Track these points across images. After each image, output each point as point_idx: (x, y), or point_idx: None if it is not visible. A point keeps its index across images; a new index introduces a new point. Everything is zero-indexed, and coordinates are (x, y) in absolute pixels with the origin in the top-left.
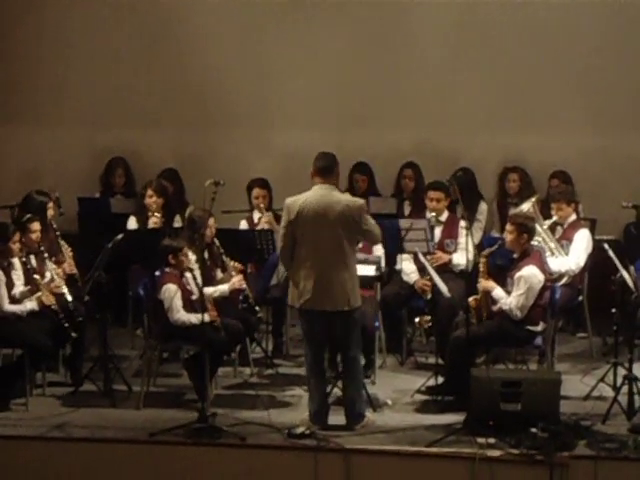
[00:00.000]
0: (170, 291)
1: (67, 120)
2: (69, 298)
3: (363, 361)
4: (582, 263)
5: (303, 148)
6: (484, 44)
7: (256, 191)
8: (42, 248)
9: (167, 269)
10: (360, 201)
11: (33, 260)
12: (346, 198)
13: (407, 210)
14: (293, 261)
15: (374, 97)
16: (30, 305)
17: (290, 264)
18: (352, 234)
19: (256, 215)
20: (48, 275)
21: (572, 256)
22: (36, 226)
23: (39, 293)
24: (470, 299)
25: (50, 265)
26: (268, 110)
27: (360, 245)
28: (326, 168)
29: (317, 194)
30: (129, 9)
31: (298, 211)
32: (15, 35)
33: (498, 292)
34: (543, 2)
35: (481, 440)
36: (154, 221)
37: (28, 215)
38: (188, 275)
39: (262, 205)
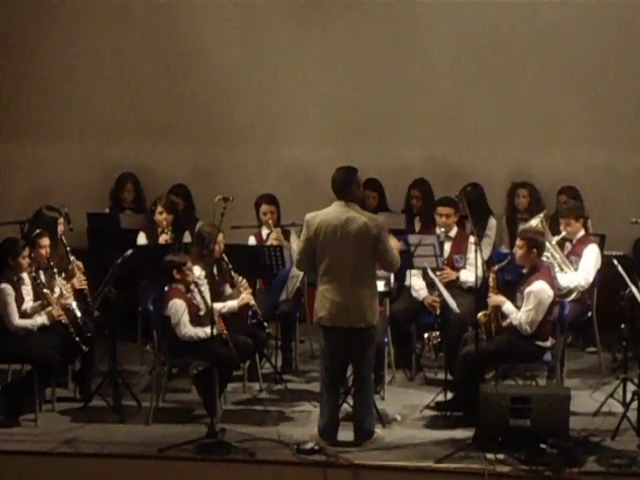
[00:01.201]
0: (177, 307)
1: (77, 136)
2: (78, 313)
3: (372, 377)
4: (591, 279)
5: (312, 163)
6: (493, 60)
7: (264, 207)
8: (51, 263)
9: (173, 284)
10: (380, 219)
11: (42, 275)
12: (365, 215)
13: (417, 226)
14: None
15: (383, 112)
16: (40, 320)
17: (311, 271)
18: (370, 251)
19: (264, 231)
20: (57, 290)
21: (581, 272)
22: (45, 241)
23: (50, 308)
24: (479, 315)
25: (59, 280)
26: (278, 126)
27: None
28: (340, 186)
29: (336, 211)
30: (138, 25)
31: (317, 227)
32: (24, 50)
33: (508, 307)
34: (551, 18)
35: (490, 456)
36: (165, 239)
37: (37, 230)
38: (194, 290)
39: (270, 221)
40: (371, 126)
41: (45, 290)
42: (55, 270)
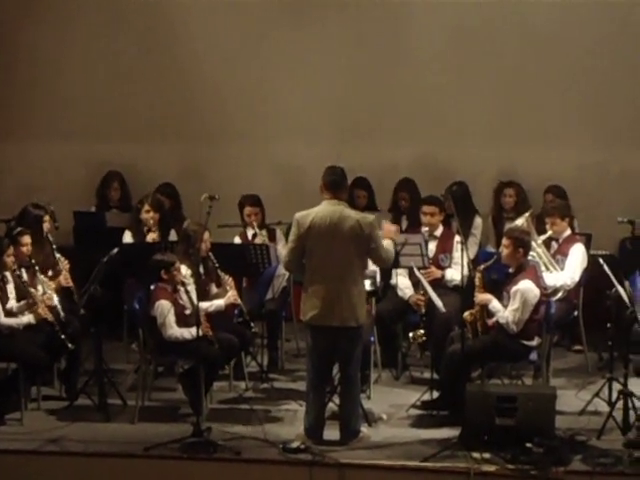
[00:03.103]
0: (163, 307)
1: (63, 134)
2: (61, 312)
3: (359, 376)
4: (577, 278)
5: (300, 162)
6: (481, 59)
7: (248, 209)
8: (33, 261)
9: (160, 284)
10: (371, 217)
11: (24, 273)
12: (357, 214)
13: (404, 225)
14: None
15: (371, 112)
16: (27, 319)
17: (299, 271)
18: (362, 250)
19: (250, 231)
20: (40, 288)
21: (567, 271)
22: (27, 239)
23: (36, 306)
24: (466, 314)
25: (41, 278)
26: (266, 124)
27: None
28: (336, 183)
29: (327, 209)
30: (127, 24)
31: (309, 226)
32: (11, 49)
33: (495, 305)
34: (540, 17)
35: (476, 455)
36: (152, 237)
37: (19, 228)
38: (181, 289)
39: (255, 223)
40: (359, 125)
41: (31, 289)
42: (37, 268)
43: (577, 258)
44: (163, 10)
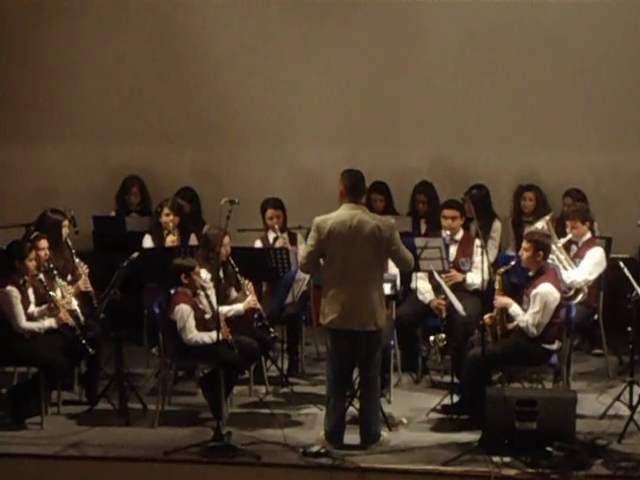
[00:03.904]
0: (183, 312)
1: (83, 138)
2: (80, 316)
3: (379, 380)
4: (590, 278)
5: (318, 166)
6: (499, 62)
7: (269, 212)
8: (51, 265)
9: (180, 288)
10: (391, 221)
11: (43, 278)
12: (377, 218)
13: (423, 228)
14: (322, 279)
15: (389, 114)
16: (48, 323)
17: (316, 272)
18: (382, 254)
19: (271, 235)
20: (58, 293)
21: (579, 269)
22: (43, 243)
23: (57, 311)
24: (486, 317)
25: (60, 282)
26: (284, 128)
27: None
28: (354, 187)
29: (346, 214)
30: (142, 27)
31: (329, 230)
32: (29, 53)
33: (515, 309)
34: (557, 19)
35: (496, 459)
36: (171, 239)
37: (36, 233)
38: (201, 294)
39: (276, 226)
40: (377, 128)
41: (52, 293)
42: (55, 272)
43: (592, 259)
44: (179, 13)
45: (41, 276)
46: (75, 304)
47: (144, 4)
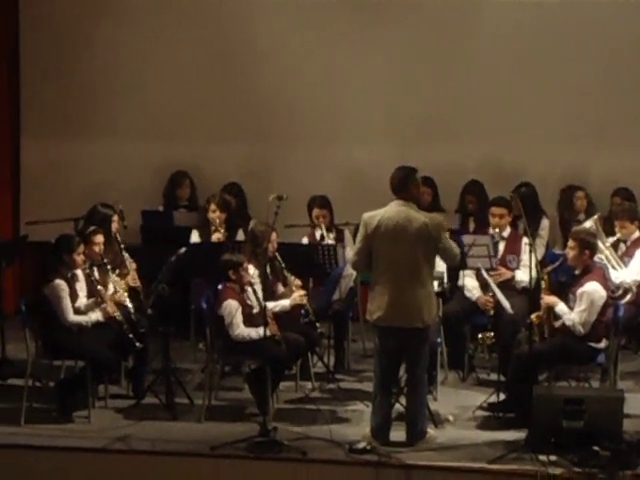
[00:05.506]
0: (231, 307)
1: (132, 134)
2: (132, 310)
3: (425, 377)
4: (639, 278)
5: (366, 162)
6: (549, 61)
7: (316, 211)
8: (105, 260)
9: (228, 284)
10: (439, 218)
11: (96, 272)
12: (424, 215)
13: (471, 227)
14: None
15: (437, 112)
16: (95, 316)
17: (368, 270)
18: (430, 251)
19: (318, 232)
20: (111, 287)
21: (629, 270)
22: (99, 238)
23: (104, 305)
24: (533, 316)
25: (113, 277)
26: (333, 124)
27: None
28: (398, 185)
29: (394, 210)
30: (192, 24)
31: (375, 227)
32: (82, 50)
33: (562, 307)
34: (614, 15)
35: (543, 458)
36: (217, 237)
37: (92, 227)
38: (249, 289)
39: (323, 224)
40: (425, 126)
41: (99, 287)
42: (109, 267)
43: None
44: (230, 11)
45: (95, 270)
46: (127, 299)
47: (199, 3)
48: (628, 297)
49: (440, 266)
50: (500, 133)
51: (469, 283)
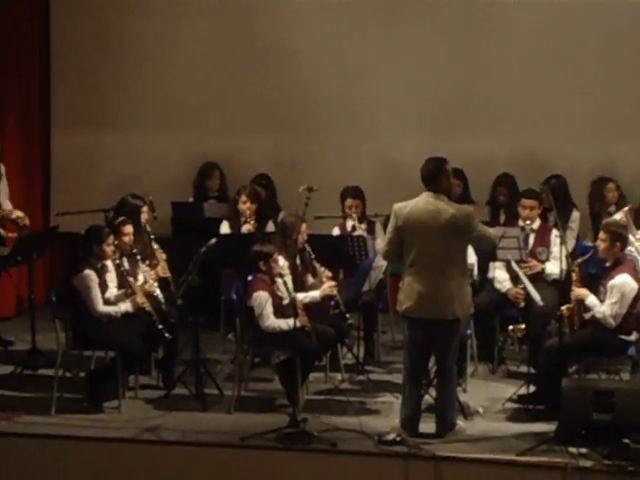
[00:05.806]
0: (261, 298)
1: (162, 126)
2: (162, 300)
3: (455, 369)
4: None
5: (396, 154)
6: (579, 54)
7: (349, 201)
8: (135, 251)
9: (258, 275)
10: (468, 209)
11: (126, 262)
12: (453, 206)
13: (502, 219)
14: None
15: (467, 104)
16: (124, 307)
17: (399, 261)
18: (461, 243)
19: (349, 223)
20: (141, 277)
21: None
22: (129, 229)
23: (134, 295)
24: (563, 308)
25: (143, 267)
26: (363, 116)
27: None
28: (428, 176)
29: (424, 201)
30: (224, 18)
31: (405, 218)
32: (114, 41)
33: (592, 300)
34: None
35: (573, 450)
36: (248, 228)
37: (121, 218)
38: (279, 281)
39: (355, 215)
40: (456, 118)
41: (129, 278)
42: (139, 257)
43: None
44: (259, 4)
45: (125, 261)
46: (157, 290)
47: None
48: None
49: (471, 257)
50: (531, 125)
51: (499, 275)
